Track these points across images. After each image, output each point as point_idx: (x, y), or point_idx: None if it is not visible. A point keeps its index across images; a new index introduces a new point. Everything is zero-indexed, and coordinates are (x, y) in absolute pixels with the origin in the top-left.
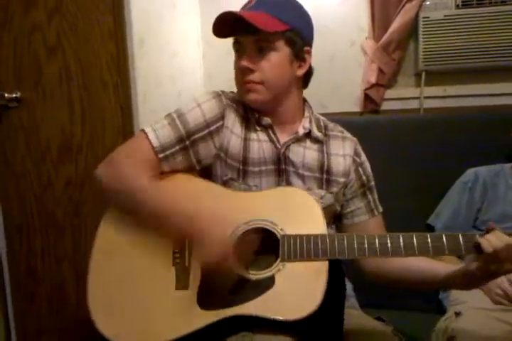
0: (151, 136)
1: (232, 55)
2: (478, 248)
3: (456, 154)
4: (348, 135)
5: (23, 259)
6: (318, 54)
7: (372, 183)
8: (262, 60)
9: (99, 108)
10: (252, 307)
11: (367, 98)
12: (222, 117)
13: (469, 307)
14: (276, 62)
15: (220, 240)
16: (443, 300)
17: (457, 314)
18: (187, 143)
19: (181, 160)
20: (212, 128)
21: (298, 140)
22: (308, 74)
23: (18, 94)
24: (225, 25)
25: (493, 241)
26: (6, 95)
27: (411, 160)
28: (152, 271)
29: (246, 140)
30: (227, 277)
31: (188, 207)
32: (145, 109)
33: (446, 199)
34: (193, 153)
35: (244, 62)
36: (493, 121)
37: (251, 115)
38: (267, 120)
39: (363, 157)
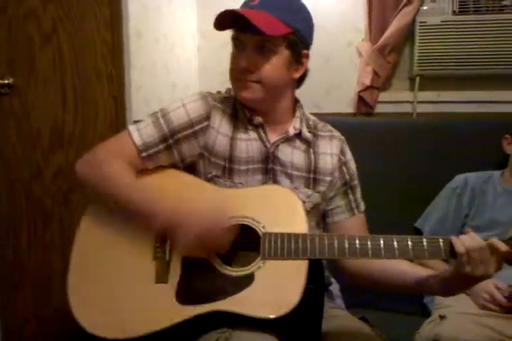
0: (135, 135)
1: (226, 48)
2: (452, 250)
3: (446, 159)
4: (336, 134)
5: (9, 248)
6: (314, 54)
7: (355, 182)
8: (261, 60)
9: (92, 97)
10: (230, 304)
11: (361, 100)
12: (207, 118)
13: (454, 311)
14: (275, 64)
15: (209, 207)
16: (428, 304)
17: (442, 317)
18: (170, 141)
19: (165, 158)
20: (196, 128)
21: (287, 140)
22: (303, 75)
23: (11, 81)
24: (227, 19)
25: (466, 241)
26: None
27: (401, 164)
28: (133, 265)
29: (234, 139)
30: (206, 272)
31: (169, 196)
32: (138, 100)
33: (435, 204)
34: (176, 151)
35: (244, 62)
36: (485, 128)
37: (242, 114)
38: (258, 119)
39: (348, 156)
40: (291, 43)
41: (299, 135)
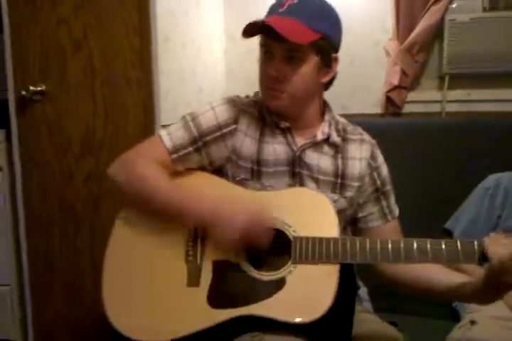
0: (165, 138)
1: (253, 52)
2: (485, 258)
3: (477, 159)
4: (367, 137)
5: (41, 250)
6: (341, 54)
7: (388, 188)
8: (290, 70)
9: (121, 103)
10: (262, 308)
11: (389, 100)
12: (235, 121)
13: (485, 315)
14: (304, 73)
15: (251, 205)
16: (457, 308)
17: (472, 322)
18: (199, 144)
19: (194, 161)
20: (224, 130)
21: (315, 144)
22: (332, 78)
23: (43, 88)
24: (256, 27)
25: (498, 249)
26: (31, 88)
27: (431, 164)
28: (165, 268)
29: (261, 142)
30: (237, 276)
31: (204, 192)
32: (167, 105)
33: (466, 205)
34: (205, 154)
35: (273, 71)
36: None
37: (269, 118)
38: (284, 124)
39: (380, 160)
40: (320, 49)
41: (327, 140)
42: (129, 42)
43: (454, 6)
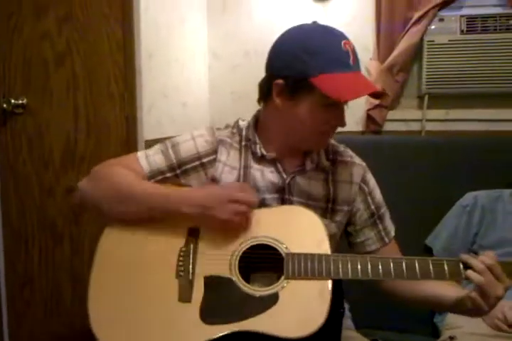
0: (142, 161)
1: (237, 69)
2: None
3: (456, 178)
4: (357, 160)
5: (20, 264)
6: None
7: (383, 210)
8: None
9: (104, 117)
10: (254, 324)
11: (369, 118)
12: (214, 151)
13: (464, 332)
14: None
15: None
16: (438, 324)
17: (451, 338)
18: (178, 172)
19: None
20: (204, 160)
21: (304, 171)
22: None
23: (25, 101)
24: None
25: (473, 275)
26: (13, 101)
27: (411, 182)
28: (155, 283)
29: (245, 170)
30: (230, 292)
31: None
32: (150, 120)
33: (445, 222)
34: (184, 181)
35: (345, 122)
36: (494, 147)
37: (253, 148)
38: (271, 155)
39: (372, 183)
40: None
41: (316, 166)
42: (112, 57)
43: (432, 27)
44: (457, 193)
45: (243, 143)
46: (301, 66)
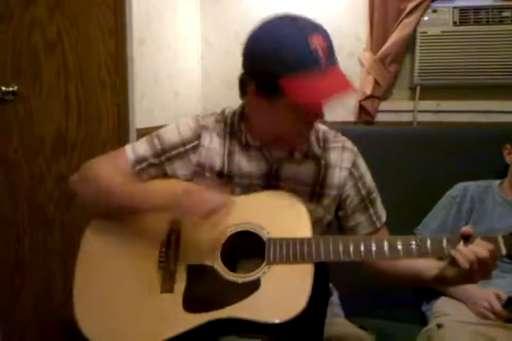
0: (128, 150)
1: (229, 56)
2: (453, 260)
3: (446, 168)
4: (349, 145)
5: (11, 253)
6: None
7: (374, 195)
8: None
9: (95, 105)
10: (237, 310)
11: (362, 109)
12: (198, 137)
13: (451, 319)
14: None
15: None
16: (426, 312)
17: (439, 326)
18: (162, 158)
19: (158, 173)
20: (187, 146)
21: (292, 159)
22: None
23: (15, 88)
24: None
25: (468, 255)
26: (3, 88)
27: (402, 172)
28: (137, 276)
29: (229, 156)
30: (212, 280)
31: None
32: (142, 108)
33: (434, 212)
34: (169, 169)
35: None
36: (484, 138)
37: (238, 136)
38: (255, 143)
39: (363, 168)
40: None
41: (306, 155)
42: (104, 45)
43: (425, 19)
44: (447, 184)
45: (228, 130)
46: (268, 69)
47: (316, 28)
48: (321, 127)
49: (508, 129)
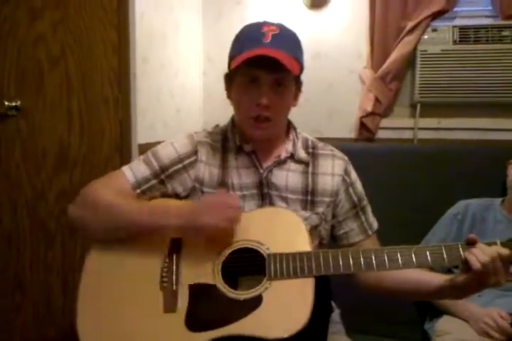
0: (128, 173)
1: None
2: (466, 263)
3: (447, 186)
4: (339, 154)
5: (11, 267)
6: (317, 80)
7: (365, 202)
8: (277, 97)
9: (98, 121)
10: (240, 327)
11: (362, 126)
12: (194, 152)
13: (454, 338)
14: (287, 99)
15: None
16: (428, 330)
17: None
18: (162, 177)
19: (159, 192)
20: (185, 162)
21: (280, 163)
22: None
23: (18, 103)
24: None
25: (479, 256)
26: (6, 103)
27: (402, 190)
28: (140, 296)
29: (224, 168)
30: (214, 298)
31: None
32: (144, 124)
33: (436, 229)
34: (169, 186)
35: (264, 100)
36: (484, 155)
37: (232, 143)
38: (248, 147)
39: (354, 176)
40: (297, 77)
41: (291, 157)
42: (107, 61)
43: (425, 37)
44: (448, 201)
45: (222, 142)
46: (229, 55)
47: (272, 23)
48: (309, 137)
49: (509, 147)
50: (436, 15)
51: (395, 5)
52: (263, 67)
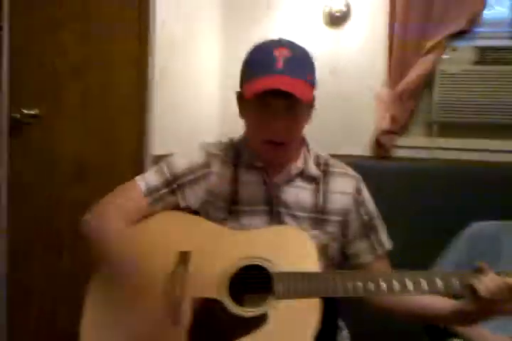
0: (140, 182)
1: None
2: (473, 291)
3: (462, 207)
4: (351, 172)
5: (24, 279)
6: (334, 97)
7: (376, 222)
8: (292, 122)
9: (115, 132)
10: None
11: (378, 144)
12: (207, 165)
13: None
14: (301, 122)
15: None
16: None
17: None
18: (174, 186)
19: (171, 203)
20: (198, 174)
21: (291, 180)
22: None
23: (37, 111)
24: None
25: (489, 285)
26: (25, 111)
27: (417, 209)
28: (144, 308)
29: (236, 182)
30: (219, 314)
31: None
32: (160, 136)
33: (448, 250)
34: (181, 196)
35: (279, 126)
36: (502, 177)
37: (244, 158)
38: (259, 163)
39: (365, 194)
40: (312, 98)
41: (302, 174)
42: (126, 72)
43: (445, 57)
44: (463, 222)
45: (234, 157)
46: (240, 78)
47: (282, 43)
48: (322, 154)
49: None
50: (457, 35)
51: (414, 23)
52: (276, 96)
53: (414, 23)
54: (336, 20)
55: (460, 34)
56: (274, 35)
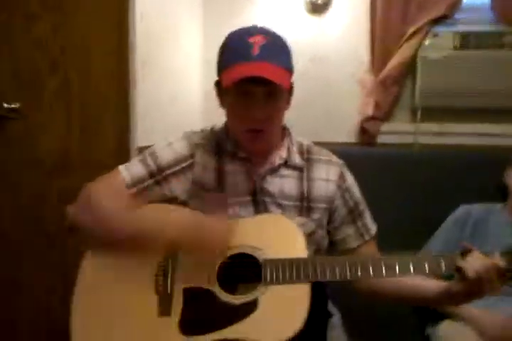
0: (124, 173)
1: None
2: (460, 272)
3: (447, 191)
4: (334, 159)
5: (11, 272)
6: (317, 83)
7: (362, 207)
8: (271, 109)
9: (97, 124)
10: (234, 331)
11: (363, 130)
12: (192, 155)
13: None
14: (281, 108)
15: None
16: (430, 336)
17: None
18: (159, 177)
19: (156, 194)
20: (183, 165)
21: (274, 170)
22: None
23: (18, 105)
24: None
25: (475, 265)
26: (5, 105)
27: (402, 195)
28: (135, 301)
29: (220, 172)
30: (209, 302)
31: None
32: (144, 128)
33: (437, 234)
34: (166, 188)
35: (258, 114)
36: (485, 161)
37: (227, 148)
38: (243, 153)
39: (349, 180)
40: (290, 84)
41: (286, 163)
42: (107, 64)
43: (427, 43)
44: (449, 206)
45: (217, 147)
46: (217, 67)
47: (256, 30)
48: (304, 141)
49: (509, 152)
50: (438, 21)
51: (396, 10)
52: (255, 83)
53: (395, 8)
54: (318, 7)
55: (441, 19)
56: (256, 23)
